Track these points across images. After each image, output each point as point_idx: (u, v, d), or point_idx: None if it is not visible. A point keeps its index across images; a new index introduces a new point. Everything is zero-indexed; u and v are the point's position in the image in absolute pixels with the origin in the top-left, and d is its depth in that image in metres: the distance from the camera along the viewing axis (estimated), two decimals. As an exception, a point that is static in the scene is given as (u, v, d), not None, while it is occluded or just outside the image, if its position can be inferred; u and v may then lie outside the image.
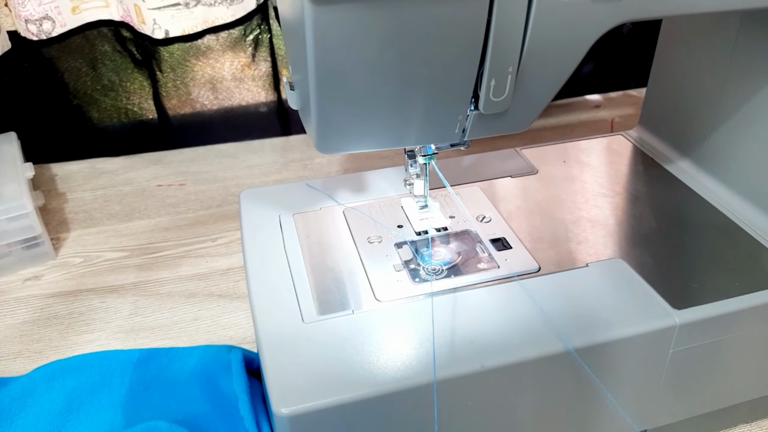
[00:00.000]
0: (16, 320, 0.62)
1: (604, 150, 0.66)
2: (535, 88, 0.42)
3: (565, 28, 0.39)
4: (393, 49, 0.37)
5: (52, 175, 0.86)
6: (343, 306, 0.46)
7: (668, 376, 0.46)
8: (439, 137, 0.44)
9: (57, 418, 0.49)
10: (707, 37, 0.58)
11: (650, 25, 0.76)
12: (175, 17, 0.82)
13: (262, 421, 0.47)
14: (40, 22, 0.79)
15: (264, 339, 0.43)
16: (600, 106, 1.00)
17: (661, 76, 0.66)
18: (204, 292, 0.65)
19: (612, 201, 0.57)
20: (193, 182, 0.84)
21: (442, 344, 0.42)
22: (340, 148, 0.43)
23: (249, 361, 0.52)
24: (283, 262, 0.50)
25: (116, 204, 0.80)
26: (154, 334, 0.60)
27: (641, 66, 0.99)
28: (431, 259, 0.50)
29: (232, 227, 0.75)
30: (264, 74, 0.91)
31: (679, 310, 0.44)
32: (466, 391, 0.41)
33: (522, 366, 0.41)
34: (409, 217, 0.54)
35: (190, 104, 0.91)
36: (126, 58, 0.86)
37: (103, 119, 0.89)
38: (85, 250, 0.72)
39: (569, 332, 0.42)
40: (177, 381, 0.52)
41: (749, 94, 0.54)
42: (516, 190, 0.59)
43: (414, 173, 0.52)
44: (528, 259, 0.50)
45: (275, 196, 0.58)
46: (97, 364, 0.54)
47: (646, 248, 0.51)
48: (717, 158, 0.59)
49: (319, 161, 0.88)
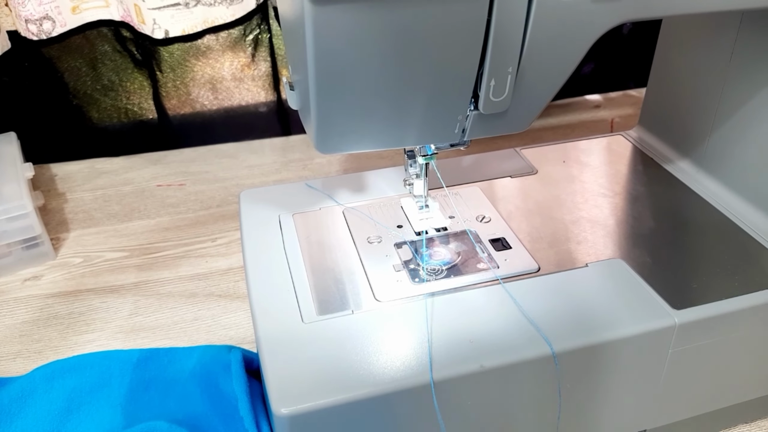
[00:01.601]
0: (15, 320, 0.62)
1: (603, 150, 0.66)
2: (535, 88, 0.42)
3: (565, 28, 0.39)
4: (393, 49, 0.37)
5: (52, 175, 0.86)
6: (342, 306, 0.46)
7: (668, 376, 0.46)
8: (439, 137, 0.44)
9: (57, 418, 0.49)
10: (707, 37, 0.58)
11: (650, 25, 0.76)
12: (175, 17, 0.82)
13: (262, 421, 0.47)
14: (40, 21, 0.80)
15: (264, 339, 0.43)
16: (600, 106, 1.00)
17: (661, 76, 0.66)
18: (204, 292, 0.65)
19: (612, 201, 0.57)
20: (193, 182, 0.84)
21: (442, 344, 0.42)
22: (339, 148, 0.43)
23: (249, 361, 0.52)
24: (283, 262, 0.50)
25: (116, 204, 0.80)
26: (154, 334, 0.60)
27: (641, 66, 0.99)
28: (431, 259, 0.50)
29: (232, 227, 0.75)
30: (264, 74, 0.91)
31: (678, 310, 0.44)
32: (466, 391, 0.41)
33: (522, 366, 0.41)
34: (409, 217, 0.54)
35: (190, 104, 0.91)
36: (126, 58, 0.86)
37: (103, 119, 0.89)
38: (85, 250, 0.72)
39: (569, 332, 0.42)
40: (177, 381, 0.52)
41: (749, 94, 0.54)
42: (516, 190, 0.59)
43: (414, 173, 0.52)
44: (528, 259, 0.50)
45: (275, 196, 0.58)
46: (96, 364, 0.54)
47: (645, 248, 0.51)
48: (717, 158, 0.59)
49: (319, 161, 0.88)
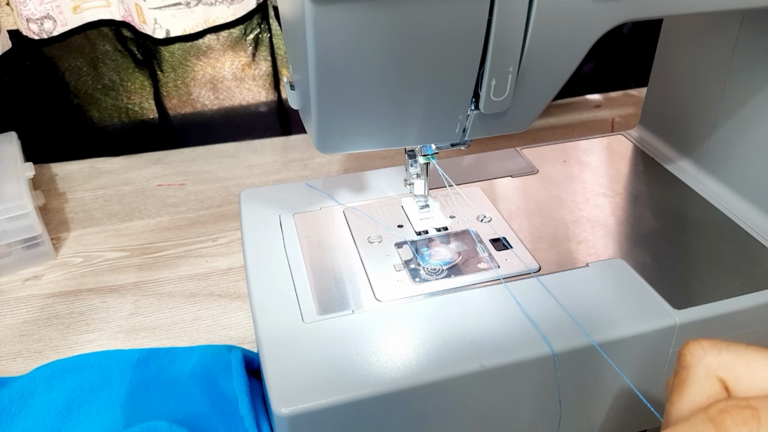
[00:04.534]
0: (16, 320, 0.62)
1: (604, 150, 0.66)
2: (536, 88, 0.42)
3: (566, 27, 0.39)
4: (393, 49, 0.37)
5: (52, 174, 0.86)
6: (343, 306, 0.46)
7: (668, 376, 0.46)
8: (440, 137, 0.44)
9: (57, 418, 0.49)
10: (707, 37, 0.58)
11: (650, 25, 0.76)
12: (176, 17, 0.82)
13: (262, 421, 0.47)
14: (41, 21, 0.80)
15: (264, 339, 0.43)
16: (600, 106, 1.00)
17: (661, 76, 0.66)
18: (204, 292, 0.65)
19: (612, 201, 0.57)
20: (193, 182, 0.84)
21: (442, 344, 0.42)
22: (340, 148, 0.43)
23: (249, 361, 0.52)
24: (283, 262, 0.50)
25: (116, 204, 0.80)
26: (154, 334, 0.60)
27: (641, 66, 0.99)
28: (431, 259, 0.50)
29: (232, 227, 0.75)
30: (264, 74, 0.91)
31: (679, 310, 0.44)
32: (466, 391, 0.41)
33: (522, 366, 0.41)
34: (410, 217, 0.54)
35: (191, 104, 0.91)
36: (127, 58, 0.86)
37: (103, 119, 0.89)
38: (85, 250, 0.72)
39: (570, 332, 0.42)
40: (177, 381, 0.52)
41: (749, 94, 0.54)
42: (516, 190, 0.59)
43: (414, 173, 0.52)
44: (528, 259, 0.50)
45: (275, 196, 0.58)
46: (97, 364, 0.54)
47: (646, 248, 0.51)
48: (717, 158, 0.59)
49: (319, 161, 0.88)
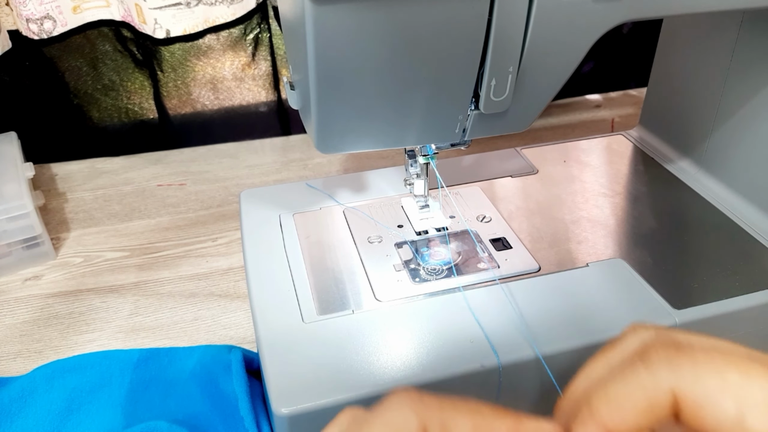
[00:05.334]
0: (16, 320, 0.62)
1: (604, 150, 0.66)
2: (536, 88, 0.42)
3: (566, 27, 0.39)
4: (393, 49, 0.37)
5: (52, 175, 0.86)
6: (343, 306, 0.46)
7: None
8: (440, 137, 0.44)
9: (57, 418, 0.49)
10: (708, 37, 0.58)
11: (650, 25, 0.76)
12: (176, 17, 0.82)
13: (262, 421, 0.47)
14: (41, 21, 0.79)
15: (264, 339, 0.43)
16: (600, 106, 1.00)
17: (661, 76, 0.66)
18: (204, 292, 0.65)
19: (612, 201, 0.57)
20: (193, 182, 0.84)
21: (442, 344, 0.42)
22: (340, 148, 0.43)
23: (249, 361, 0.52)
24: (283, 262, 0.50)
25: (116, 204, 0.80)
26: (154, 334, 0.60)
27: (641, 66, 0.99)
28: (431, 259, 0.50)
29: (232, 227, 0.74)
30: (264, 74, 0.91)
31: (679, 310, 0.44)
32: (466, 391, 0.41)
33: (522, 366, 0.41)
34: (409, 217, 0.54)
35: (191, 104, 0.91)
36: (127, 58, 0.86)
37: (103, 119, 0.89)
38: (85, 250, 0.72)
39: (570, 332, 0.42)
40: (177, 381, 0.52)
41: (749, 94, 0.54)
42: (516, 190, 0.59)
43: (414, 173, 0.52)
44: (528, 259, 0.50)
45: (275, 196, 0.58)
46: (97, 364, 0.54)
47: (646, 248, 0.51)
48: (717, 158, 0.59)
49: (319, 161, 0.88)
